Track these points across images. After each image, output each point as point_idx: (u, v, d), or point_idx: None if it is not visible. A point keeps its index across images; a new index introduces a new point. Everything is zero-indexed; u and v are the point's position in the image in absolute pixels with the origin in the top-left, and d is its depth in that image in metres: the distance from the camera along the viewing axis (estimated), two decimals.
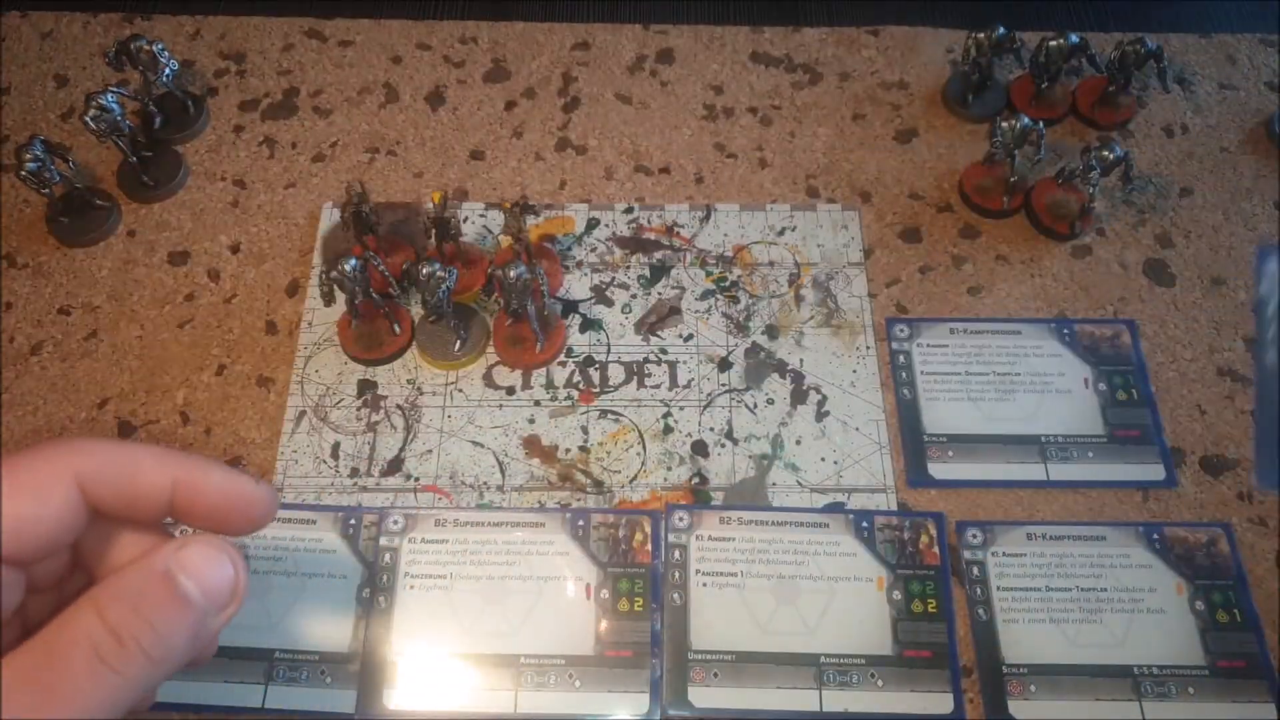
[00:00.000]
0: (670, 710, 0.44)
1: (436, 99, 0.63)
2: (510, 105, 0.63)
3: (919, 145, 0.61)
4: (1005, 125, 0.55)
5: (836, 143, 0.61)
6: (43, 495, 0.26)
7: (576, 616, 0.46)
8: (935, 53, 0.65)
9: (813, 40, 0.66)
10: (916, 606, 0.46)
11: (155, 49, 0.58)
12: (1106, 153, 0.54)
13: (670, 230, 0.58)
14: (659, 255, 0.57)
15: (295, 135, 0.62)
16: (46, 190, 0.55)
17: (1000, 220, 0.58)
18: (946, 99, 0.63)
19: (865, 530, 0.48)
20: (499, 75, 0.64)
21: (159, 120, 0.60)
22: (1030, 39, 0.61)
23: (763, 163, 0.61)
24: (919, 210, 0.59)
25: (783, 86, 0.64)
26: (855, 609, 0.46)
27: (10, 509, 0.25)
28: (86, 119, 0.55)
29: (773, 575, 0.47)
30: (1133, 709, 0.44)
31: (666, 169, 0.60)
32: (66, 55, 0.65)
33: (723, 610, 0.46)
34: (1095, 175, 0.54)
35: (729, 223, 0.58)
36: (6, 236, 0.57)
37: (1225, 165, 0.60)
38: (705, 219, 0.58)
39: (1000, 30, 0.59)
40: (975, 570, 0.48)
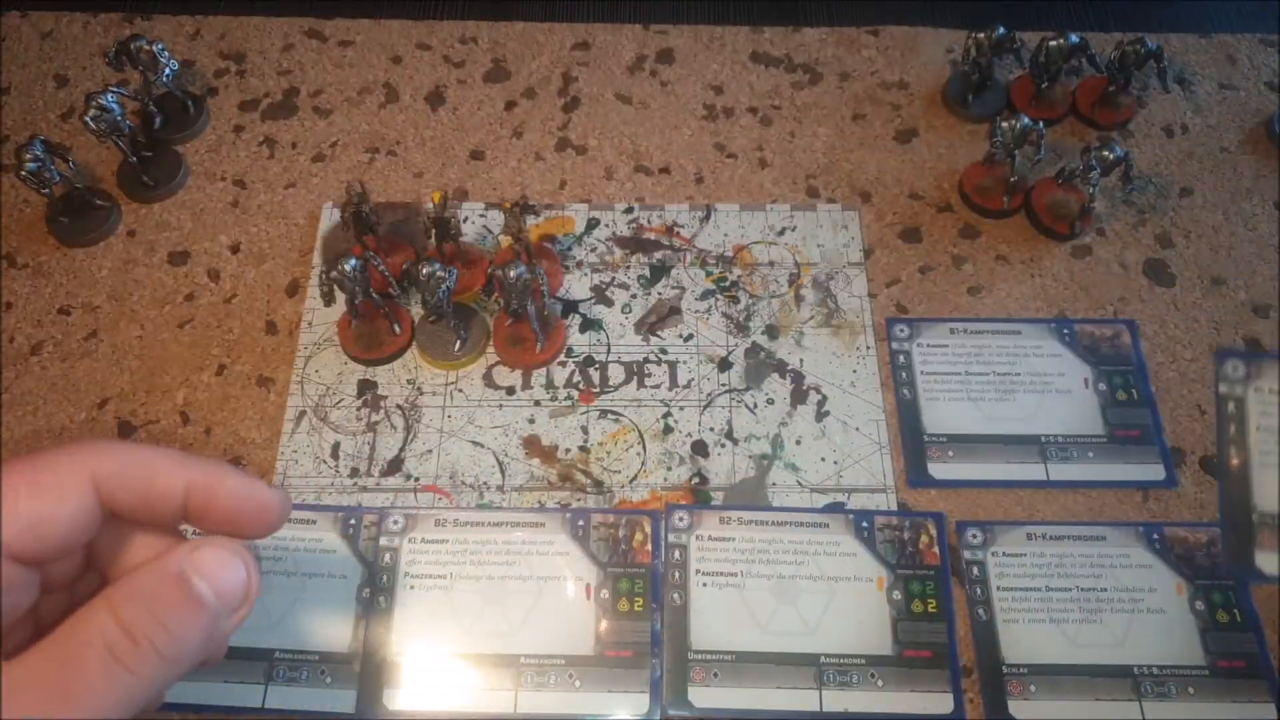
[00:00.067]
0: (670, 710, 0.44)
1: (436, 99, 0.63)
2: (510, 105, 0.63)
3: (919, 145, 0.61)
4: (1005, 125, 0.55)
5: (836, 143, 0.61)
6: (60, 496, 0.26)
7: (576, 616, 0.46)
8: (935, 53, 0.65)
9: (813, 40, 0.66)
10: (916, 606, 0.46)
11: (155, 49, 0.58)
12: (1106, 153, 0.54)
13: (670, 230, 0.58)
14: (659, 255, 0.57)
15: (295, 135, 0.62)
16: (46, 190, 0.55)
17: (1000, 220, 0.58)
18: (946, 99, 0.63)
19: (865, 530, 0.48)
20: (499, 75, 0.64)
21: (159, 120, 0.60)
22: (1030, 39, 0.61)
23: (763, 163, 0.61)
24: (919, 210, 0.59)
25: (783, 86, 0.64)
26: (855, 609, 0.46)
27: (27, 508, 0.26)
28: (86, 119, 0.55)
29: (773, 575, 0.47)
30: (1133, 709, 0.44)
31: (666, 169, 0.60)
32: (66, 55, 0.65)
33: (723, 610, 0.46)
34: (1095, 175, 0.54)
35: (729, 223, 0.58)
36: (6, 236, 0.57)
37: (1225, 165, 0.60)
38: (705, 219, 0.58)
39: (1000, 30, 0.59)
40: (975, 570, 0.48)
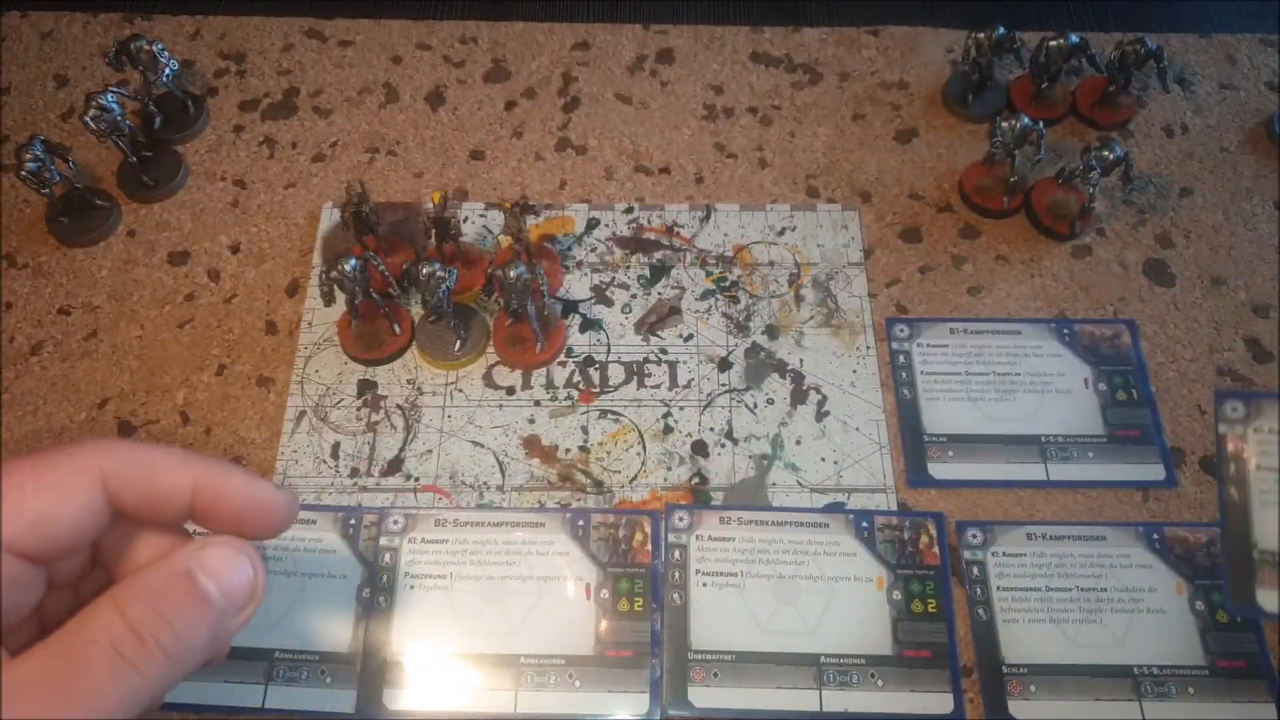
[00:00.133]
0: (670, 710, 0.44)
1: (436, 99, 0.63)
2: (510, 105, 0.63)
3: (919, 145, 0.61)
4: (1005, 125, 0.55)
5: (836, 143, 0.61)
6: (65, 493, 0.26)
7: (576, 616, 0.46)
8: (935, 53, 0.65)
9: (813, 40, 0.66)
10: (916, 606, 0.46)
11: (155, 49, 0.58)
12: (1106, 153, 0.54)
13: (670, 230, 0.58)
14: (659, 255, 0.57)
15: (295, 135, 0.62)
16: (46, 190, 0.55)
17: (1000, 220, 0.58)
18: (946, 99, 0.63)
19: (865, 530, 0.48)
20: (499, 75, 0.64)
21: (159, 120, 0.60)
22: (1030, 39, 0.61)
23: (763, 163, 0.61)
24: (919, 210, 0.59)
25: (783, 86, 0.64)
26: (855, 609, 0.46)
27: (33, 506, 0.26)
28: (86, 119, 0.55)
29: (773, 575, 0.47)
30: (1133, 709, 0.44)
31: (666, 169, 0.60)
32: (66, 55, 0.65)
33: (723, 610, 0.46)
34: (1095, 175, 0.54)
35: (729, 223, 0.58)
36: (6, 236, 0.57)
37: (1225, 165, 0.60)
38: (705, 219, 0.58)
39: (1000, 30, 0.59)
40: (975, 570, 0.48)
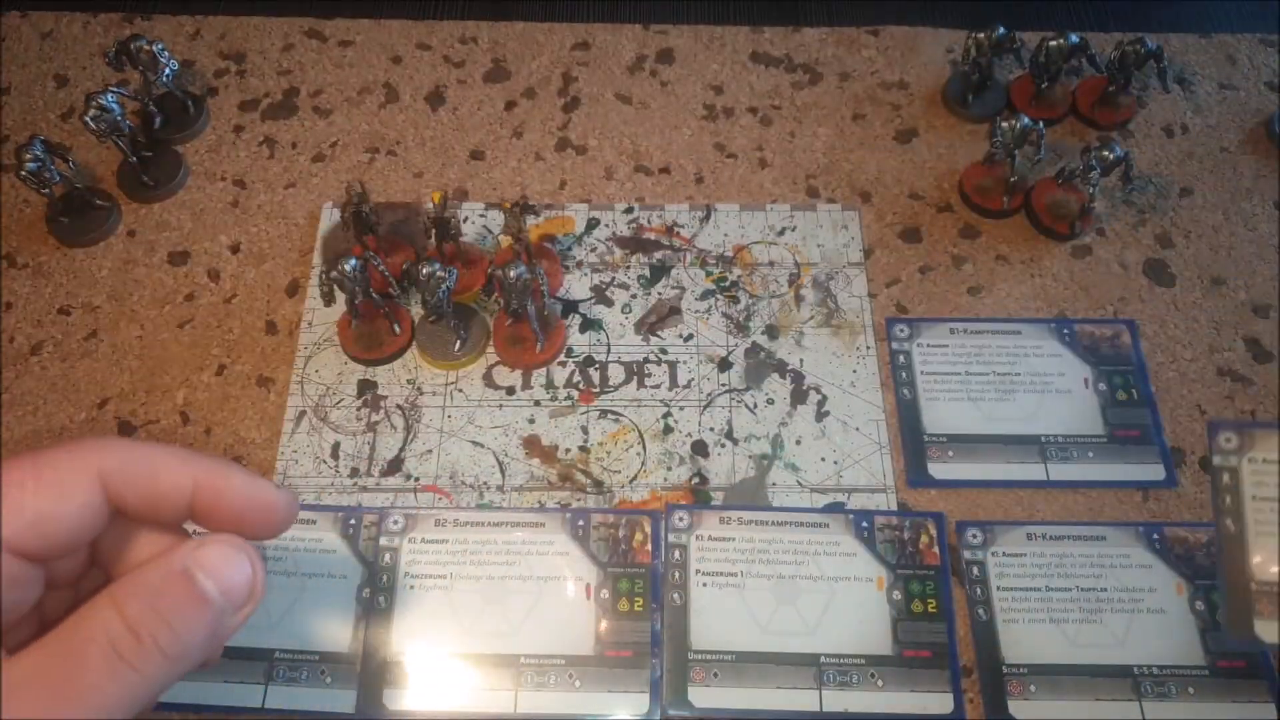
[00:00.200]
0: (670, 710, 0.44)
1: (436, 99, 0.63)
2: (510, 105, 0.63)
3: (919, 145, 0.61)
4: (1005, 125, 0.55)
5: (836, 143, 0.61)
6: (65, 492, 0.26)
7: (576, 616, 0.46)
8: (935, 53, 0.65)
9: (813, 40, 0.66)
10: (916, 606, 0.46)
11: (155, 49, 0.58)
12: (1106, 153, 0.54)
13: (670, 230, 0.58)
14: (659, 255, 0.57)
15: (295, 135, 0.62)
16: (46, 190, 0.55)
17: (1000, 220, 0.58)
18: (946, 99, 0.63)
19: (865, 530, 0.48)
20: (499, 75, 0.64)
21: (159, 120, 0.60)
22: (1030, 39, 0.61)
23: (763, 163, 0.61)
24: (919, 210, 0.59)
25: (783, 86, 0.64)
26: (855, 609, 0.46)
27: (32, 504, 0.26)
28: (86, 119, 0.55)
29: (773, 575, 0.47)
30: (1133, 709, 0.44)
31: (666, 169, 0.60)
32: (66, 55, 0.65)
33: (723, 610, 0.46)
34: (1095, 175, 0.54)
35: (729, 223, 0.58)
36: (6, 236, 0.57)
37: (1225, 165, 0.60)
38: (705, 219, 0.58)
39: (1000, 30, 0.59)
40: (975, 570, 0.48)
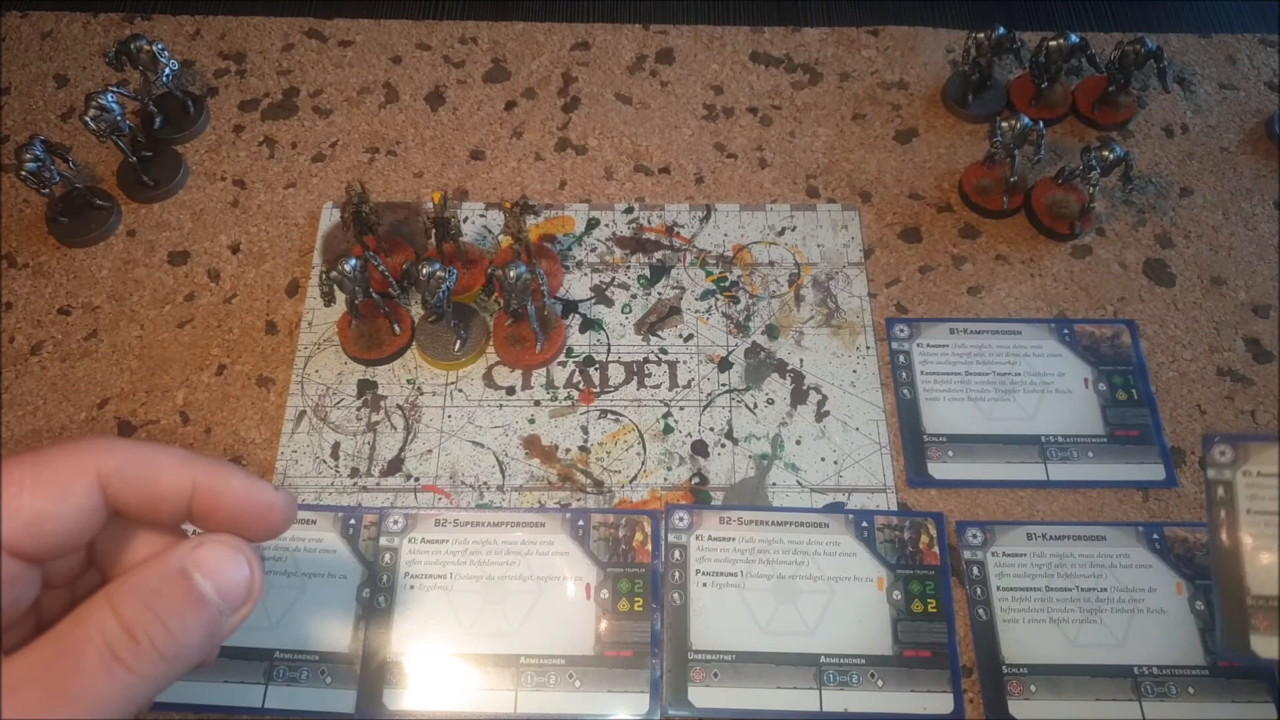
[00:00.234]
0: (670, 710, 0.44)
1: (436, 99, 0.63)
2: (510, 105, 0.63)
3: (919, 145, 0.61)
4: (1005, 125, 0.55)
5: (836, 143, 0.61)
6: (63, 492, 0.26)
7: (576, 616, 0.46)
8: (935, 53, 0.65)
9: (813, 40, 0.66)
10: (916, 606, 0.46)
11: (155, 49, 0.58)
12: (1106, 153, 0.54)
13: (670, 230, 0.58)
14: (659, 255, 0.57)
15: (295, 135, 0.62)
16: (46, 190, 0.55)
17: (1000, 220, 0.58)
18: (946, 99, 0.63)
19: (865, 530, 0.48)
20: (499, 75, 0.64)
21: (159, 120, 0.60)
22: (1030, 39, 0.61)
23: (763, 163, 0.61)
24: (919, 210, 0.59)
25: (783, 86, 0.64)
26: (855, 609, 0.46)
27: (31, 505, 0.25)
28: (86, 119, 0.55)
29: (773, 575, 0.47)
30: (1133, 709, 0.44)
31: (666, 169, 0.60)
32: (66, 55, 0.65)
33: (723, 610, 0.46)
34: (1095, 175, 0.54)
35: (729, 223, 0.58)
36: (6, 236, 0.58)
37: (1225, 165, 0.60)
38: (705, 219, 0.58)
39: (1000, 30, 0.59)
40: (975, 570, 0.48)
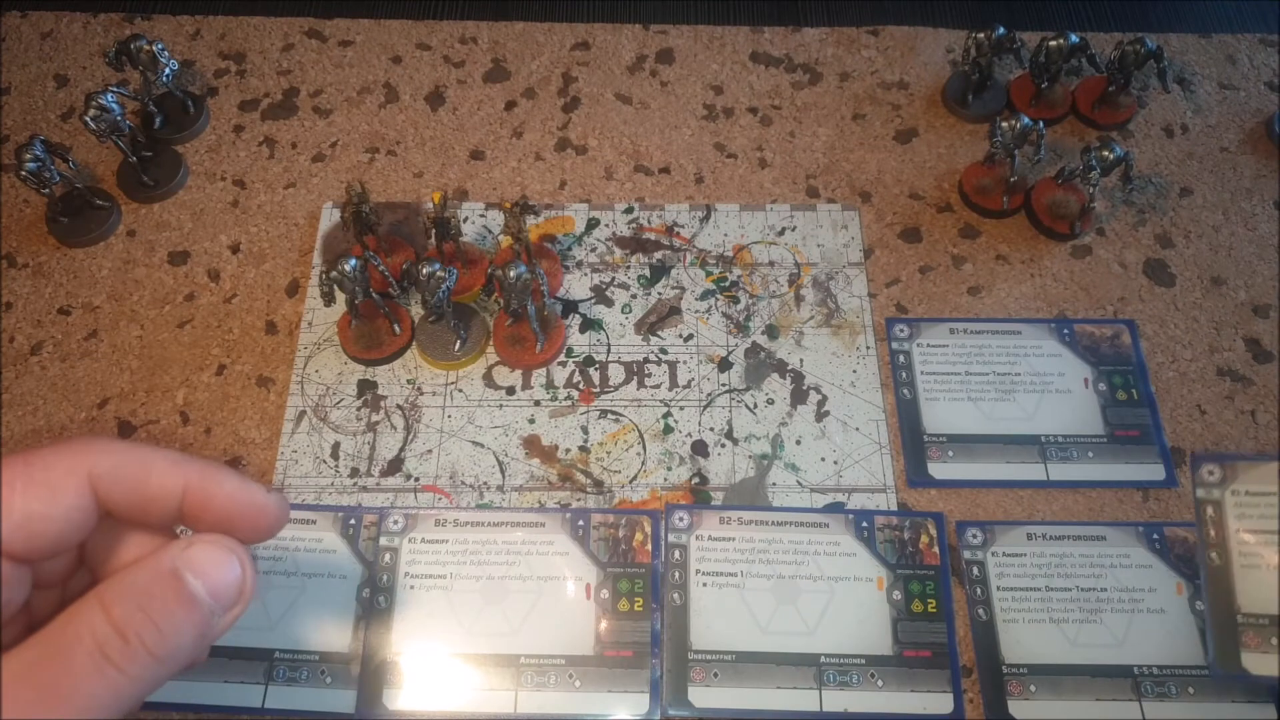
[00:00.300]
0: (670, 710, 0.44)
1: (436, 99, 0.63)
2: (510, 105, 0.63)
3: (919, 145, 0.61)
4: (1005, 125, 0.55)
5: (836, 143, 0.61)
6: (55, 493, 0.26)
7: (576, 616, 0.46)
8: (935, 53, 0.65)
9: (813, 40, 0.66)
10: (916, 606, 0.46)
11: (155, 49, 0.58)
12: (1106, 153, 0.54)
13: (670, 230, 0.58)
14: (659, 255, 0.57)
15: (295, 135, 0.62)
16: (46, 190, 0.55)
17: (1000, 220, 0.58)
18: (946, 99, 0.63)
19: (865, 530, 0.48)
20: (499, 75, 0.64)
21: (159, 120, 0.60)
22: (1030, 39, 0.61)
23: (763, 163, 0.61)
24: (919, 210, 0.59)
25: (783, 86, 0.64)
26: (855, 609, 0.46)
27: (22, 505, 0.25)
28: (86, 119, 0.55)
29: (773, 575, 0.47)
30: (1133, 709, 0.44)
31: (666, 169, 0.60)
32: (66, 55, 0.65)
33: (723, 610, 0.46)
34: (1095, 175, 0.54)
35: (729, 223, 0.58)
36: (6, 236, 0.57)
37: (1225, 165, 0.60)
38: (705, 219, 0.58)
39: (1000, 30, 0.59)
40: (975, 570, 0.48)
